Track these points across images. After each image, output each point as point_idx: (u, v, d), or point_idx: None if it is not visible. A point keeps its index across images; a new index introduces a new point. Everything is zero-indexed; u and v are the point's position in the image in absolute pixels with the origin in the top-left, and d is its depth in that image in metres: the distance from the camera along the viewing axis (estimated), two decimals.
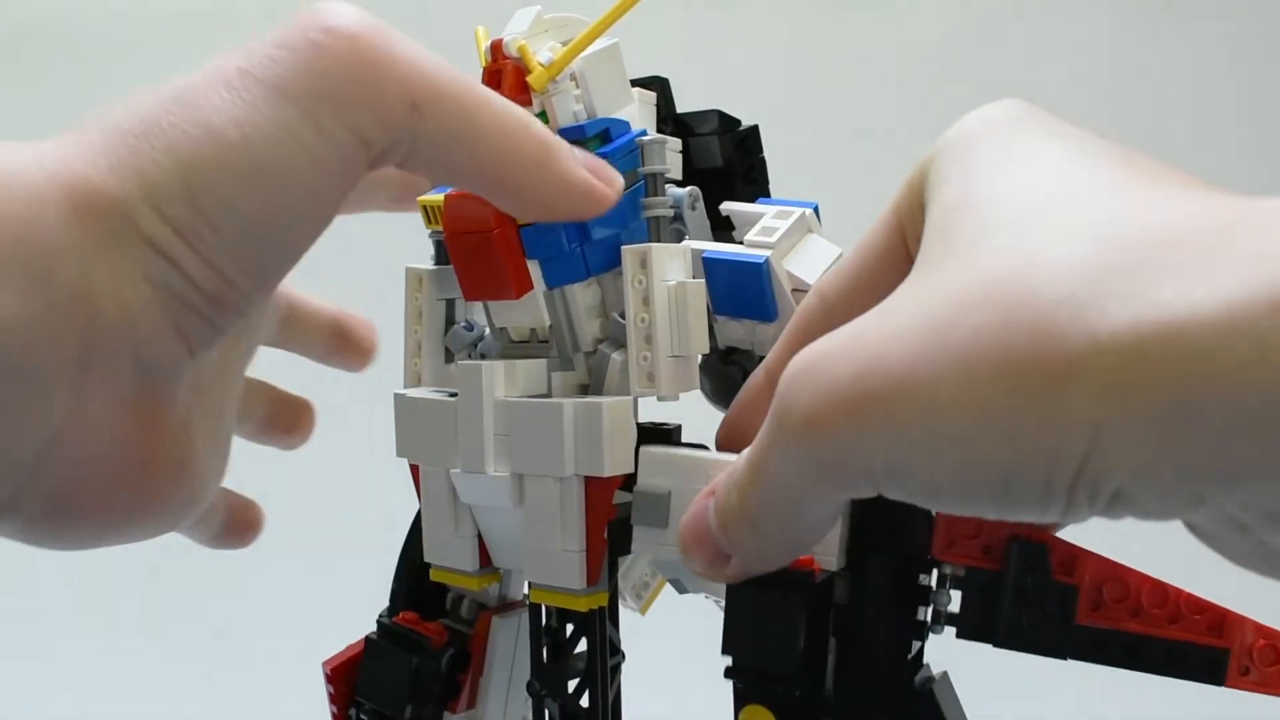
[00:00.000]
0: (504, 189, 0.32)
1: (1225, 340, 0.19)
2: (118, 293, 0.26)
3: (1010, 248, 0.22)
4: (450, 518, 0.39)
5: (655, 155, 0.37)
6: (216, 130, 0.26)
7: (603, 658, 0.38)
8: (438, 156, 0.30)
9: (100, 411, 0.27)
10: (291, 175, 0.27)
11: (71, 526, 0.28)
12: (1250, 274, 0.19)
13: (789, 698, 0.32)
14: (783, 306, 0.38)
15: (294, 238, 0.29)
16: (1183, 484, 0.20)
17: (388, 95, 0.28)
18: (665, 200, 0.37)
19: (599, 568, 0.37)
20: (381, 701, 0.42)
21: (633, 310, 0.36)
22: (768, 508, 0.27)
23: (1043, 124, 0.27)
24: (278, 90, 0.27)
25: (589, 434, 0.35)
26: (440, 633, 0.42)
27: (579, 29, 0.37)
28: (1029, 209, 0.23)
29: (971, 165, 0.26)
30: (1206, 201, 0.22)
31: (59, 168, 0.26)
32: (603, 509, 0.36)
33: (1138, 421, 0.20)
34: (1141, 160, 0.25)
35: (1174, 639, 0.28)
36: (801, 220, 0.39)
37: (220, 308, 0.28)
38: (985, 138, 0.27)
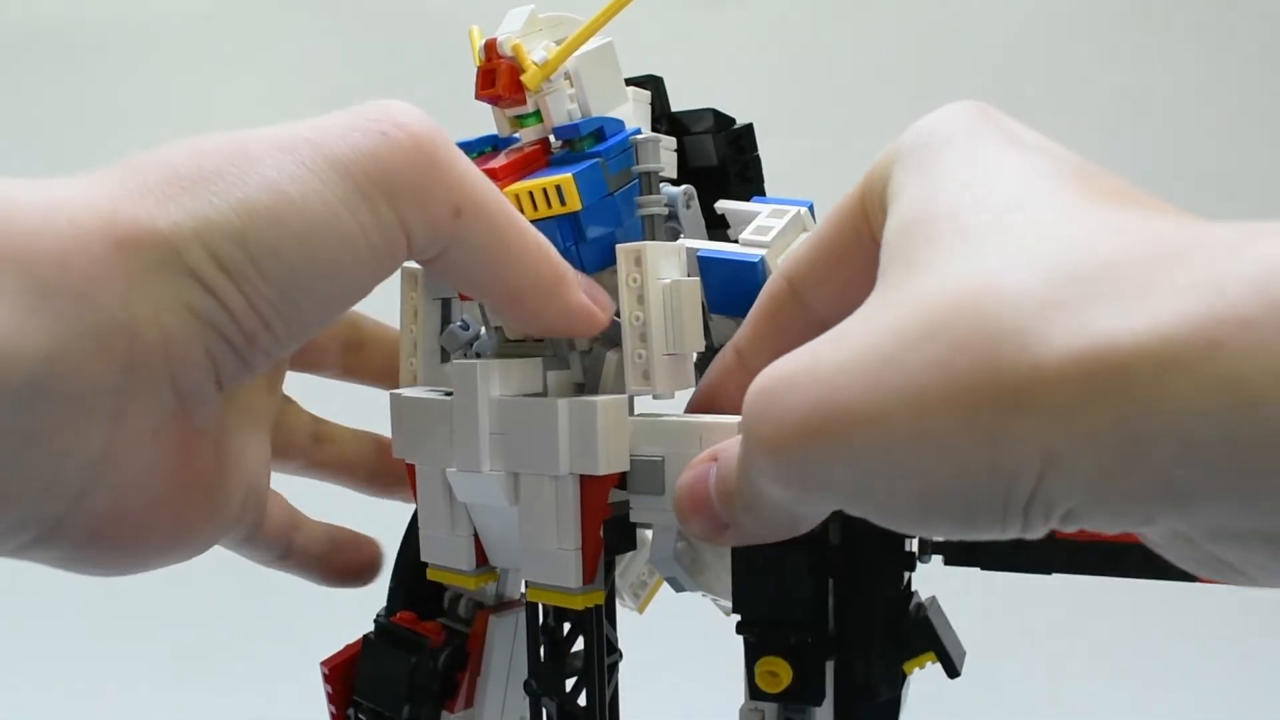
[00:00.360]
0: (518, 307, 0.35)
1: (1164, 370, 0.19)
2: (157, 319, 0.27)
3: (957, 278, 0.23)
4: (447, 517, 0.39)
5: (649, 154, 0.37)
6: (277, 187, 0.28)
7: (600, 656, 0.38)
8: (466, 265, 0.32)
9: (138, 437, 0.28)
10: (341, 244, 0.29)
11: (112, 553, 0.29)
12: (1184, 304, 0.20)
13: (802, 645, 0.34)
14: None
15: (331, 300, 0.30)
16: (1133, 506, 0.21)
17: (438, 197, 0.30)
18: (659, 199, 0.37)
19: (595, 566, 0.37)
20: (380, 701, 0.42)
21: (627, 309, 0.36)
22: (760, 502, 0.27)
23: (1000, 131, 0.27)
24: (341, 167, 0.29)
25: (584, 432, 0.35)
26: (438, 632, 0.42)
27: (573, 28, 0.37)
28: (979, 233, 0.23)
29: (927, 177, 0.26)
30: (1159, 225, 0.22)
31: (105, 203, 0.27)
32: (598, 507, 0.36)
33: (1087, 449, 0.20)
34: (1099, 175, 0.25)
35: None
36: (796, 219, 0.39)
37: (254, 348, 0.29)
38: (942, 147, 0.27)
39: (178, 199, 0.28)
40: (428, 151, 0.30)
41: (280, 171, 0.28)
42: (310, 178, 0.29)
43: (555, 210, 0.36)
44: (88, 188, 0.28)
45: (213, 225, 0.27)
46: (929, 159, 0.27)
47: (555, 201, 0.36)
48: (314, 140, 0.29)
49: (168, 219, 0.27)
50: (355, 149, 0.29)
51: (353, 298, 0.31)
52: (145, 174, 0.28)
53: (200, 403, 0.29)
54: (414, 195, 0.30)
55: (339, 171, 0.29)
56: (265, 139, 0.29)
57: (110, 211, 0.27)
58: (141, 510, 0.28)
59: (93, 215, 0.27)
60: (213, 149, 0.29)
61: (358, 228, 0.29)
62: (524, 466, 0.37)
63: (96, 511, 0.27)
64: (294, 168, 0.29)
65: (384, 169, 0.30)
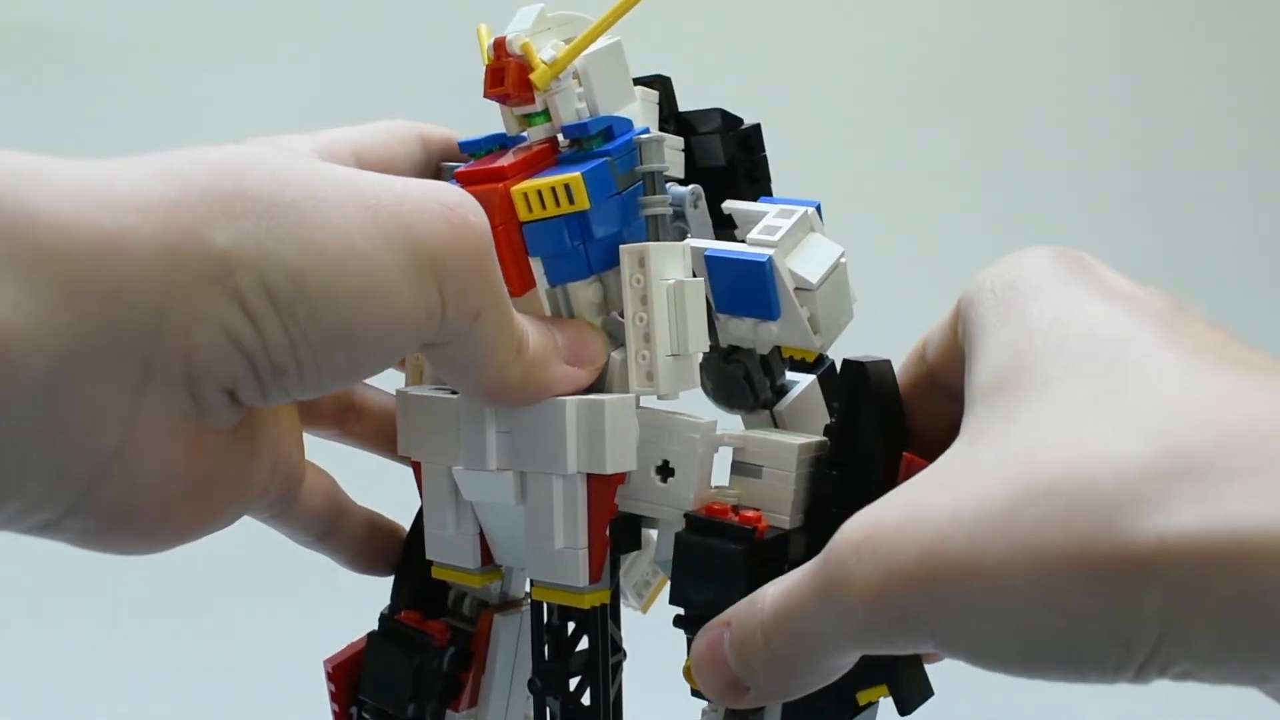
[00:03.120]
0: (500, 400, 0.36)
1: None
2: (188, 331, 0.27)
3: (1071, 438, 0.23)
4: (452, 515, 0.39)
5: (653, 153, 0.37)
6: (348, 238, 0.28)
7: (604, 655, 0.38)
8: (461, 360, 0.33)
9: (153, 437, 0.27)
10: (392, 310, 0.29)
11: (129, 538, 0.29)
12: None
13: None
14: (785, 305, 0.38)
15: (365, 360, 0.31)
16: (1248, 671, 0.22)
17: (471, 296, 0.31)
18: (664, 199, 0.37)
19: (601, 565, 0.37)
20: (384, 700, 0.42)
21: (631, 309, 0.36)
22: (796, 655, 0.28)
23: (1090, 278, 0.27)
24: (413, 240, 0.29)
25: (591, 431, 0.35)
26: (442, 631, 0.42)
27: (582, 27, 0.37)
28: (1086, 392, 0.24)
29: (1017, 325, 0.27)
30: (1261, 391, 0.23)
31: (162, 205, 0.27)
32: (605, 506, 0.36)
33: (1208, 617, 0.21)
34: (1195, 325, 0.26)
35: None
36: (804, 219, 0.39)
37: (277, 383, 0.29)
38: (1032, 293, 0.27)
39: (244, 220, 0.27)
40: (483, 253, 0.31)
41: (353, 224, 0.29)
42: (381, 239, 0.29)
43: (564, 209, 0.36)
44: (144, 183, 0.27)
45: (274, 256, 0.27)
46: (1018, 305, 0.27)
47: (564, 200, 0.36)
48: (392, 207, 0.29)
49: (228, 237, 0.27)
50: (429, 228, 0.30)
51: (382, 364, 0.32)
52: (216, 183, 0.27)
53: (216, 412, 0.29)
54: (459, 288, 0.31)
55: (409, 243, 0.29)
56: (347, 187, 0.29)
57: (167, 216, 0.26)
58: (157, 503, 0.28)
59: (144, 216, 0.26)
60: (293, 179, 0.28)
61: (410, 301, 0.30)
62: (531, 465, 0.37)
63: (110, 502, 0.27)
64: (369, 225, 0.29)
65: (447, 256, 0.30)
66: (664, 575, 0.43)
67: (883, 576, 0.24)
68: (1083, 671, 0.23)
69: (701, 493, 0.36)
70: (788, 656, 0.28)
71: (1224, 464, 0.21)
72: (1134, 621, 0.22)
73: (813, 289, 0.38)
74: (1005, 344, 0.27)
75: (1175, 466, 0.22)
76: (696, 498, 0.36)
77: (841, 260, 0.39)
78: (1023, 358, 0.26)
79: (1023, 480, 0.23)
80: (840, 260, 0.39)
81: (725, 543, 0.34)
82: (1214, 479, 0.21)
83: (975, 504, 0.23)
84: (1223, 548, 0.21)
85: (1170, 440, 0.22)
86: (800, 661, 0.28)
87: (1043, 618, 0.22)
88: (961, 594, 0.23)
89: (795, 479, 0.35)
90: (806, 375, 0.44)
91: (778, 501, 0.35)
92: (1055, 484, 0.22)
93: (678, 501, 0.36)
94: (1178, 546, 0.21)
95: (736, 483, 0.36)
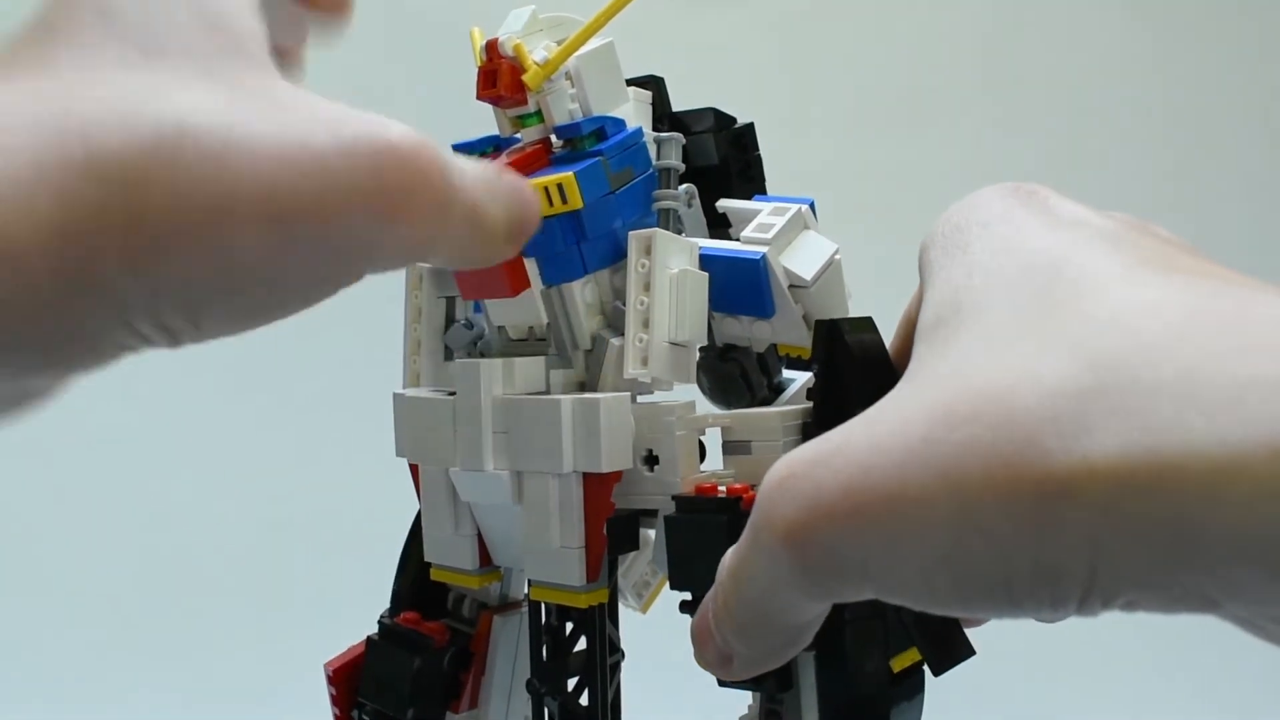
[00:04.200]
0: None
1: (1224, 478, 0.19)
2: None
3: (995, 359, 0.22)
4: (450, 517, 0.40)
5: (669, 151, 0.38)
6: None
7: (602, 656, 0.38)
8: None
9: None
10: None
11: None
12: (1249, 414, 0.19)
13: None
14: (780, 302, 0.38)
15: None
16: (1192, 597, 0.21)
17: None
18: (677, 194, 0.38)
19: (599, 564, 0.37)
20: (384, 702, 0.42)
21: (633, 294, 0.36)
22: (752, 613, 0.27)
23: (1036, 209, 0.26)
24: None
25: (587, 430, 0.35)
26: (442, 632, 0.42)
27: (573, 28, 0.37)
28: (1015, 316, 0.23)
29: (959, 262, 0.26)
30: (1208, 303, 0.22)
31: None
32: (602, 505, 0.36)
33: (1138, 543, 0.20)
34: (1142, 238, 0.24)
35: None
36: (798, 216, 0.39)
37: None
38: (976, 229, 0.27)
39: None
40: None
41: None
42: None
43: (557, 208, 0.36)
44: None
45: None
46: (962, 242, 0.27)
47: (557, 200, 0.36)
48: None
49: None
50: None
51: None
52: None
53: None
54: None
55: None
56: None
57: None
58: None
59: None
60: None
61: None
62: (527, 465, 0.37)
63: None
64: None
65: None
66: (663, 575, 0.43)
67: (806, 513, 0.23)
68: (1019, 604, 0.22)
69: (689, 476, 0.36)
70: (745, 619, 0.27)
71: (1147, 376, 0.20)
72: (1060, 548, 0.21)
73: (807, 286, 0.38)
74: (947, 282, 0.26)
75: (1099, 382, 0.21)
76: (684, 481, 0.36)
77: (836, 257, 0.39)
78: (961, 294, 0.25)
79: (945, 405, 0.22)
80: (834, 257, 0.39)
81: (710, 516, 0.33)
82: (1136, 393, 0.20)
83: (899, 431, 0.23)
84: (1147, 471, 0.20)
85: (1094, 355, 0.21)
86: (756, 622, 0.27)
87: (970, 547, 0.21)
88: (888, 526, 0.22)
89: (783, 447, 0.35)
90: (803, 373, 0.44)
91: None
92: (977, 407, 0.22)
93: (666, 488, 0.36)
94: (1098, 467, 0.20)
95: (730, 462, 0.36)
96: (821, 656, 0.35)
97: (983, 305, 0.24)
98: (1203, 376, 0.20)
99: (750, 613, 0.27)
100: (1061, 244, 0.25)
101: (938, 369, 0.24)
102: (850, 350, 0.34)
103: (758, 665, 0.29)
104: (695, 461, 0.36)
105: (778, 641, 0.28)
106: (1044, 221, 0.26)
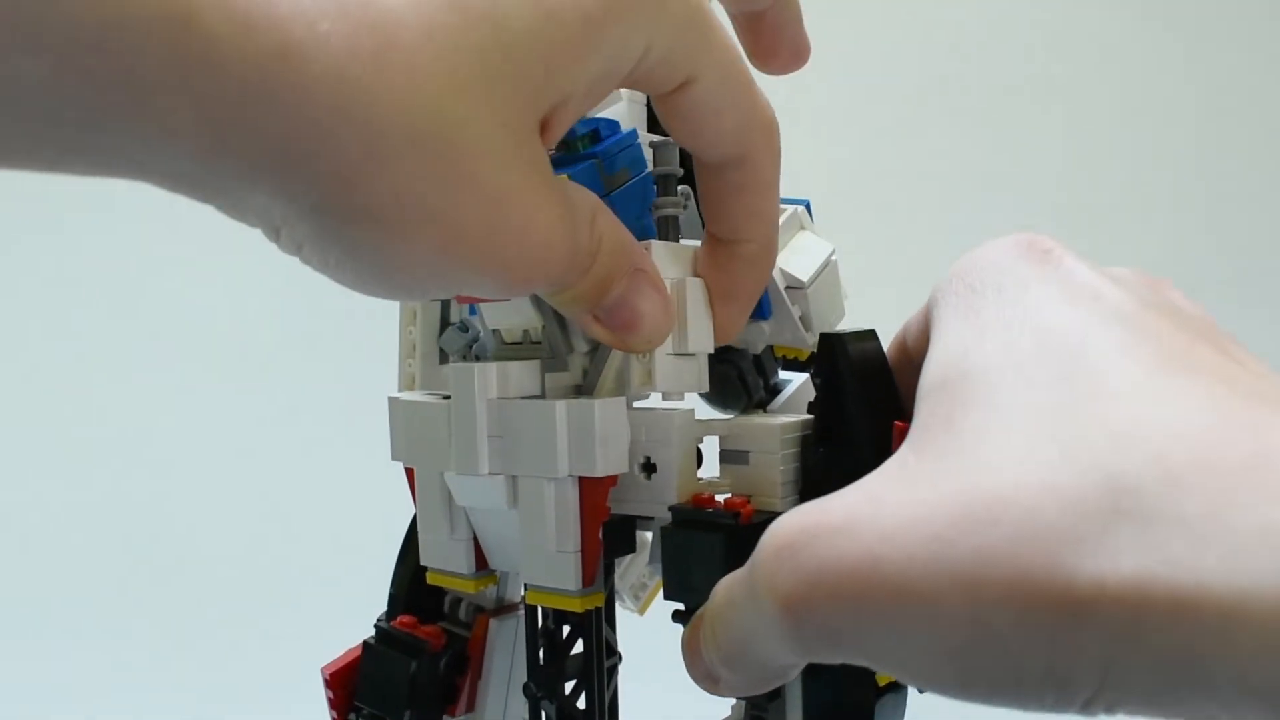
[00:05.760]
0: None
1: (1235, 621, 0.19)
2: None
3: (1013, 460, 0.22)
4: (445, 520, 0.39)
5: (666, 156, 0.37)
6: None
7: (599, 659, 0.38)
8: None
9: None
10: None
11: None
12: (1263, 561, 0.19)
13: None
14: (776, 303, 0.38)
15: None
16: (1195, 715, 0.21)
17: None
18: (677, 200, 0.37)
19: (595, 568, 0.37)
20: (381, 706, 0.42)
21: None
22: (739, 650, 0.27)
23: (1051, 274, 0.26)
24: None
25: (582, 434, 0.35)
26: (438, 636, 0.42)
27: None
28: (1027, 401, 0.23)
29: (969, 324, 0.26)
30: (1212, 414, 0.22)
31: None
32: (597, 509, 0.36)
33: (1148, 668, 0.20)
34: (1157, 327, 0.24)
35: None
36: (793, 217, 0.39)
37: None
38: (989, 291, 0.27)
39: None
40: None
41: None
42: None
43: None
44: None
45: None
46: (974, 303, 0.26)
47: None
48: None
49: None
50: None
51: None
52: None
53: None
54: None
55: None
56: None
57: None
58: None
59: None
60: None
61: None
62: (522, 469, 0.36)
63: None
64: None
65: None
66: (660, 577, 0.43)
67: (807, 589, 0.23)
68: (1023, 703, 0.22)
69: (687, 485, 0.36)
70: (731, 653, 0.27)
71: (1169, 509, 0.21)
72: (1073, 663, 0.21)
73: (803, 287, 0.38)
74: (957, 339, 0.26)
75: (1119, 505, 0.21)
76: (681, 490, 0.35)
77: (832, 258, 0.39)
78: (970, 358, 0.25)
79: (962, 504, 0.22)
80: (831, 258, 0.39)
81: (706, 533, 0.33)
82: (1155, 520, 0.21)
83: (911, 524, 0.23)
84: (1157, 596, 0.20)
85: (1117, 476, 0.21)
86: (742, 659, 0.27)
87: (980, 649, 0.22)
88: (894, 618, 0.22)
89: (782, 459, 0.35)
90: (800, 374, 0.44)
91: (768, 484, 0.35)
92: (996, 514, 0.22)
93: (663, 496, 0.36)
94: (1115, 592, 0.20)
95: (727, 471, 0.36)
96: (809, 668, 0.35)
97: (994, 381, 0.24)
98: (1223, 515, 0.20)
99: (737, 650, 0.27)
100: (1078, 325, 0.24)
101: (948, 449, 0.24)
102: (853, 364, 0.34)
103: (742, 692, 0.29)
104: (693, 470, 0.36)
105: (761, 678, 0.28)
106: (1059, 291, 0.26)
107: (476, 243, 0.25)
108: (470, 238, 0.25)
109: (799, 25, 0.35)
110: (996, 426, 0.23)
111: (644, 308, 0.32)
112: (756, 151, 0.31)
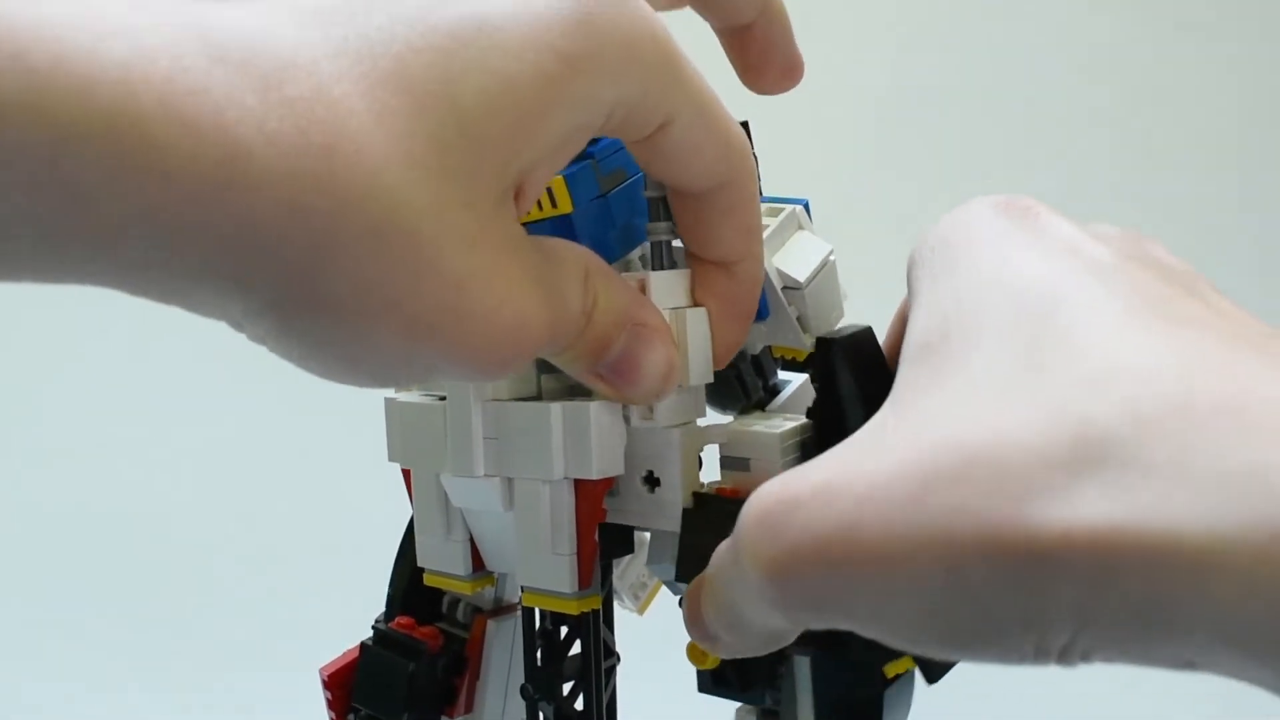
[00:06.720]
0: None
1: (1208, 565, 0.19)
2: None
3: (984, 414, 0.22)
4: (442, 522, 0.39)
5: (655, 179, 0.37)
6: None
7: (597, 660, 0.38)
8: None
9: None
10: None
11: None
12: (1236, 503, 0.19)
13: None
14: (773, 304, 0.38)
15: None
16: (1170, 661, 0.21)
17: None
18: (670, 225, 0.36)
19: (591, 570, 0.37)
20: (379, 708, 0.42)
21: None
22: (731, 616, 0.27)
23: (1026, 230, 0.26)
24: None
25: (577, 436, 0.35)
26: (436, 637, 0.42)
27: None
28: (1000, 357, 0.23)
29: (944, 285, 0.26)
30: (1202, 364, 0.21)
31: None
32: (593, 511, 0.36)
33: (1121, 616, 0.20)
34: (1135, 277, 0.24)
35: None
36: (791, 217, 0.39)
37: None
38: (962, 249, 0.26)
39: None
40: None
41: None
42: None
43: (547, 212, 0.35)
44: None
45: None
46: (949, 264, 0.26)
47: (546, 204, 0.35)
48: None
49: None
50: None
51: None
52: None
53: None
54: None
55: None
56: None
57: None
58: None
59: None
60: None
61: None
62: (518, 471, 0.36)
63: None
64: None
65: None
66: (659, 578, 0.43)
67: (788, 555, 0.23)
68: (1006, 657, 0.22)
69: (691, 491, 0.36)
70: (726, 617, 0.27)
71: (1139, 455, 0.20)
72: (1046, 613, 0.21)
73: (801, 287, 0.37)
74: (934, 305, 0.26)
75: (1089, 453, 0.21)
76: (686, 502, 0.35)
77: (830, 258, 0.39)
78: (948, 320, 0.25)
79: (933, 463, 0.22)
80: (829, 258, 0.39)
81: (728, 504, 0.33)
82: (1126, 466, 0.20)
83: (886, 485, 0.22)
84: (1126, 542, 0.20)
85: (1085, 421, 0.21)
86: (738, 624, 0.27)
87: (958, 605, 0.22)
88: (874, 581, 0.22)
89: (783, 465, 0.34)
90: (799, 375, 0.43)
91: (772, 467, 0.34)
92: (965, 469, 0.22)
93: (669, 509, 0.35)
94: (1082, 539, 0.20)
95: (727, 477, 0.36)
96: (818, 658, 0.35)
97: (971, 339, 0.24)
98: (1194, 460, 0.20)
99: (732, 615, 0.27)
100: (1054, 277, 0.24)
101: (926, 411, 0.24)
102: (850, 369, 0.34)
103: (743, 653, 0.29)
104: (696, 478, 0.36)
105: (759, 641, 0.28)
106: (1036, 246, 0.25)
107: (442, 329, 0.25)
108: (435, 325, 0.25)
109: (789, 40, 0.34)
110: (970, 385, 0.23)
111: (647, 364, 0.31)
112: (737, 173, 0.31)
